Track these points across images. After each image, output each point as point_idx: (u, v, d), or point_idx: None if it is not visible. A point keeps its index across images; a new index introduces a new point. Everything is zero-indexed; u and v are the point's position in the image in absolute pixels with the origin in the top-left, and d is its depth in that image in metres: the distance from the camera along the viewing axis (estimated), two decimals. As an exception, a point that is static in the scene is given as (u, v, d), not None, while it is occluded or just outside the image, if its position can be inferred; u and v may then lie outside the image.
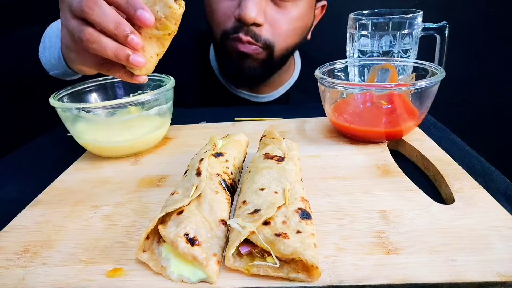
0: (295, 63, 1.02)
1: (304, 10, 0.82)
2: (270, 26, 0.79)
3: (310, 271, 0.31)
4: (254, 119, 0.73)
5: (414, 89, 0.52)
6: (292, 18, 0.81)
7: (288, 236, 0.32)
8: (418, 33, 0.69)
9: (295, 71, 1.01)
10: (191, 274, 0.32)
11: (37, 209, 0.46)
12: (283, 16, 0.79)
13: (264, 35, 0.79)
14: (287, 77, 0.99)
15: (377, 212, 0.40)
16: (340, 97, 0.61)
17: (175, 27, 0.47)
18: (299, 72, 1.01)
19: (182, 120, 0.73)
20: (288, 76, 0.99)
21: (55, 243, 0.39)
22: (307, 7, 0.83)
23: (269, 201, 0.36)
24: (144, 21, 0.44)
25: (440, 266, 0.32)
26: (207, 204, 0.37)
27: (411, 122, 0.56)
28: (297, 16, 0.81)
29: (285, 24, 0.80)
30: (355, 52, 0.73)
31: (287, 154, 0.45)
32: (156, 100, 0.57)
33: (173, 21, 0.47)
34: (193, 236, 0.33)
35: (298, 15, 0.81)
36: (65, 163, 0.58)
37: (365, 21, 0.69)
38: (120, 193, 0.48)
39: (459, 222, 0.37)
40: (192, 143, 0.63)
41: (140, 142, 0.59)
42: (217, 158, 0.45)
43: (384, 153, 0.55)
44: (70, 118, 0.56)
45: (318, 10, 0.92)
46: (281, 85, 0.98)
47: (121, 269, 0.34)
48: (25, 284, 0.33)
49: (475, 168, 0.51)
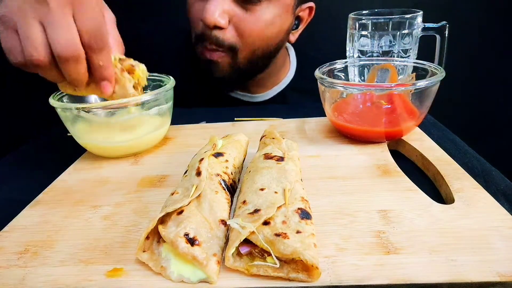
0: (290, 62, 1.01)
1: (276, 14, 0.80)
2: (234, 29, 0.78)
3: (310, 271, 0.31)
4: (254, 119, 0.73)
5: (414, 89, 0.52)
6: (261, 21, 0.78)
7: (288, 236, 0.32)
8: (418, 33, 0.69)
9: (290, 71, 1.00)
10: (191, 274, 0.32)
11: (37, 209, 0.46)
12: (250, 19, 0.78)
13: (227, 38, 0.78)
14: (281, 77, 0.99)
15: (377, 212, 0.40)
16: (340, 97, 0.61)
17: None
18: (295, 72, 1.00)
19: (182, 120, 0.73)
20: (282, 76, 0.99)
21: (55, 243, 0.39)
22: (280, 11, 0.80)
23: (269, 201, 0.36)
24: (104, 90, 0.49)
25: (440, 266, 0.32)
26: (207, 204, 0.37)
27: (411, 122, 0.56)
28: (267, 20, 0.79)
29: (251, 28, 0.78)
30: (355, 52, 0.73)
31: (287, 154, 0.45)
32: (156, 100, 0.57)
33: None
34: (193, 236, 0.33)
35: (269, 18, 0.79)
36: (65, 163, 0.58)
37: (365, 21, 0.69)
38: (120, 193, 0.48)
39: (459, 222, 0.37)
40: (192, 143, 0.63)
41: (140, 142, 0.59)
42: (217, 158, 0.45)
43: (384, 153, 0.55)
44: (70, 118, 0.56)
45: (304, 12, 0.90)
46: (275, 85, 0.98)
47: (121, 269, 0.34)
48: (25, 284, 0.33)
49: (475, 168, 0.51)
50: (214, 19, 0.74)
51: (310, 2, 0.89)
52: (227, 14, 0.76)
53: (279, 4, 0.79)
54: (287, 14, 0.83)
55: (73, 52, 0.43)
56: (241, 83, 0.94)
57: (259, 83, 0.96)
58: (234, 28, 0.78)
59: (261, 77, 0.94)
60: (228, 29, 0.78)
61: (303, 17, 0.91)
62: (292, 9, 0.84)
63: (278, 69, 0.97)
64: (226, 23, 0.77)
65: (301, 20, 0.91)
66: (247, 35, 0.79)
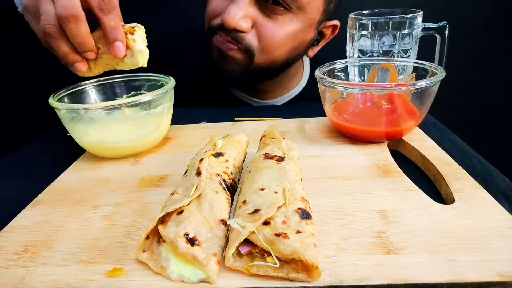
0: (304, 71, 1.00)
1: (299, 27, 0.78)
2: (256, 34, 0.77)
3: (310, 271, 0.31)
4: (254, 119, 0.73)
5: (414, 89, 0.52)
6: (283, 32, 0.77)
7: (288, 236, 0.32)
8: (418, 33, 0.69)
9: (303, 79, 0.99)
10: (191, 274, 0.32)
11: (37, 209, 0.46)
12: (273, 27, 0.76)
13: (247, 40, 0.77)
14: (292, 85, 0.98)
15: (377, 212, 0.40)
16: (340, 97, 0.61)
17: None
18: (307, 81, 0.99)
19: (182, 120, 0.73)
20: (294, 85, 0.98)
21: (55, 243, 0.39)
22: (303, 25, 0.79)
23: (269, 201, 0.36)
24: (117, 52, 0.52)
25: (440, 266, 0.32)
26: (207, 204, 0.37)
27: (411, 122, 0.56)
28: (289, 32, 0.78)
29: (273, 36, 0.77)
30: (355, 52, 0.73)
31: (287, 154, 0.45)
32: (156, 100, 0.57)
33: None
34: (193, 236, 0.33)
35: (292, 31, 0.78)
36: (65, 163, 0.58)
37: (365, 21, 0.69)
38: (120, 193, 0.48)
39: (459, 222, 0.37)
40: (192, 143, 0.63)
41: (140, 142, 0.59)
42: (217, 158, 0.45)
43: (384, 153, 0.55)
44: (70, 118, 0.56)
45: (328, 30, 0.88)
46: (285, 93, 0.97)
47: (121, 269, 0.34)
48: (25, 284, 0.33)
49: (475, 168, 0.51)
50: (234, 23, 0.73)
51: (336, 21, 0.87)
52: (250, 18, 0.75)
53: (305, 18, 0.78)
54: (310, 29, 0.81)
55: (70, 11, 0.48)
56: (247, 86, 0.93)
57: (268, 90, 0.95)
58: (256, 33, 0.77)
59: (271, 85, 0.92)
60: (250, 33, 0.77)
61: (325, 34, 0.89)
62: (316, 24, 0.82)
63: (289, 78, 0.95)
64: (249, 27, 0.75)
65: (324, 36, 0.89)
66: (267, 43, 0.77)
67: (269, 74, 0.87)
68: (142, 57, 0.55)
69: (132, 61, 0.55)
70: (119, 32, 0.52)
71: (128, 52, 0.54)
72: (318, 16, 0.80)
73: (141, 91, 0.66)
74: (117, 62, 0.56)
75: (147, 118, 0.58)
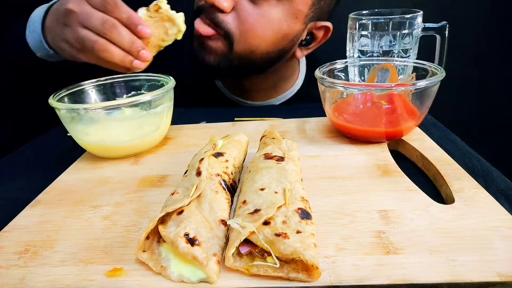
0: (300, 71, 0.99)
1: (284, 16, 0.76)
2: (236, 17, 0.74)
3: (310, 271, 0.31)
4: (254, 119, 0.73)
5: (414, 89, 0.52)
6: (265, 18, 0.74)
7: (288, 236, 0.32)
8: (418, 33, 0.69)
9: (298, 80, 0.98)
10: (191, 274, 0.32)
11: (37, 209, 0.46)
12: (255, 12, 0.74)
13: (226, 23, 0.74)
14: (287, 87, 0.97)
15: (377, 212, 0.40)
16: (340, 97, 0.61)
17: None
18: (303, 81, 0.98)
19: (182, 120, 0.73)
20: (289, 86, 0.97)
21: (55, 243, 0.39)
22: (289, 15, 0.76)
23: (269, 201, 0.36)
24: (144, 33, 0.58)
25: (440, 266, 0.32)
26: (207, 204, 0.37)
27: (411, 122, 0.56)
28: (272, 19, 0.75)
29: (253, 22, 0.74)
30: (355, 52, 0.73)
31: (287, 154, 0.45)
32: (156, 100, 0.57)
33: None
34: (193, 236, 0.33)
35: (275, 18, 0.75)
36: (65, 163, 0.58)
37: (365, 21, 0.69)
38: (120, 193, 0.48)
39: (459, 222, 0.37)
40: (192, 143, 0.63)
41: (140, 142, 0.59)
42: (217, 158, 0.45)
43: (384, 153, 0.55)
44: (70, 118, 0.56)
45: (319, 31, 0.85)
46: (280, 94, 0.97)
47: (121, 269, 0.34)
48: (25, 284, 0.33)
49: (475, 168, 0.51)
50: None
51: (327, 22, 0.84)
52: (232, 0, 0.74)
53: (291, 8, 0.76)
54: (296, 21, 0.78)
55: (105, 23, 0.56)
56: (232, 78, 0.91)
57: (258, 89, 0.93)
58: (236, 16, 0.75)
59: (260, 83, 0.91)
60: (230, 14, 0.74)
61: (317, 36, 0.86)
62: (303, 18, 0.79)
63: (284, 79, 0.94)
64: (229, 7, 0.73)
65: (315, 38, 0.87)
66: (247, 28, 0.75)
67: (252, 66, 0.83)
68: (182, 19, 0.60)
69: (175, 30, 0.60)
70: (135, 17, 0.57)
71: (167, 24, 0.59)
72: (305, 9, 0.77)
73: (141, 91, 0.66)
74: (163, 39, 0.61)
75: (147, 118, 0.58)
